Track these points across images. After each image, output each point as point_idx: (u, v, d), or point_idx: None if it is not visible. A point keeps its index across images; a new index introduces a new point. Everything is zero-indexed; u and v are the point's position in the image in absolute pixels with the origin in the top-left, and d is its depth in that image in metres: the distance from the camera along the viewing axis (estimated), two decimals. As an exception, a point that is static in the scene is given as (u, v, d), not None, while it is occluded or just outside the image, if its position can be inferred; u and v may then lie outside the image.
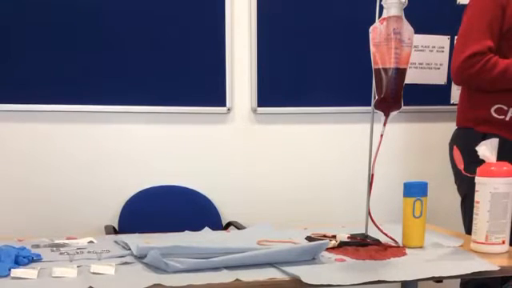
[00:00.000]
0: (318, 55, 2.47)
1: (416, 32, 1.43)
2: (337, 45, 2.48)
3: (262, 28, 2.40)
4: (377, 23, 1.41)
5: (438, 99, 2.64)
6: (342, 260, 1.36)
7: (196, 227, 1.77)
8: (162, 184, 2.39)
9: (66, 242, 1.54)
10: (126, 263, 1.31)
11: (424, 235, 1.52)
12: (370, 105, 1.48)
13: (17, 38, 2.16)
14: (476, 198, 1.44)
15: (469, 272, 1.27)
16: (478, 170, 1.44)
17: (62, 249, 1.45)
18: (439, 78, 2.64)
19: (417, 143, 2.67)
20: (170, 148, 2.39)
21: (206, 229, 1.78)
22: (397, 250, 1.47)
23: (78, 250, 1.42)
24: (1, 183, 2.23)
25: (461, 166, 1.49)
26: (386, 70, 1.40)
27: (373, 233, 1.56)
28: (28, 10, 2.16)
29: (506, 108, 1.96)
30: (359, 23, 1.94)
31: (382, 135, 1.46)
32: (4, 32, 2.15)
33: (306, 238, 1.58)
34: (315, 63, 2.47)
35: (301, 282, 1.17)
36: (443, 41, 2.61)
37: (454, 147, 1.54)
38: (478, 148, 1.44)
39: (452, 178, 2.13)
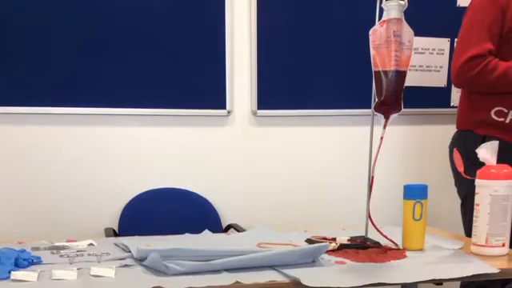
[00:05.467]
0: (318, 57, 2.47)
1: (416, 34, 1.44)
2: (337, 47, 2.48)
3: (262, 30, 2.40)
4: (377, 26, 1.41)
5: (438, 102, 2.64)
6: (342, 262, 1.37)
7: (196, 230, 1.77)
8: (162, 186, 2.39)
9: (66, 244, 1.54)
10: (126, 266, 1.31)
11: (424, 238, 1.52)
12: (370, 107, 1.48)
13: (17, 40, 2.16)
14: (476, 201, 1.44)
15: (469, 274, 1.27)
16: (478, 172, 1.44)
17: (62, 251, 1.45)
18: (439, 80, 2.64)
19: (417, 146, 2.66)
20: (170, 150, 2.39)
21: (206, 231, 1.78)
22: (397, 252, 1.47)
23: (78, 253, 1.43)
24: (1, 185, 2.23)
25: (461, 169, 1.49)
26: (386, 72, 1.40)
27: (373, 235, 1.56)
28: (28, 12, 2.16)
29: (506, 110, 1.96)
30: (359, 25, 1.94)
31: (382, 138, 1.46)
32: (4, 34, 2.15)
33: (306, 241, 1.58)
34: (315, 65, 2.47)
35: (301, 284, 1.17)
36: (443, 43, 2.60)
37: (454, 150, 1.55)
38: (477, 150, 1.44)
39: (452, 181, 2.13)
